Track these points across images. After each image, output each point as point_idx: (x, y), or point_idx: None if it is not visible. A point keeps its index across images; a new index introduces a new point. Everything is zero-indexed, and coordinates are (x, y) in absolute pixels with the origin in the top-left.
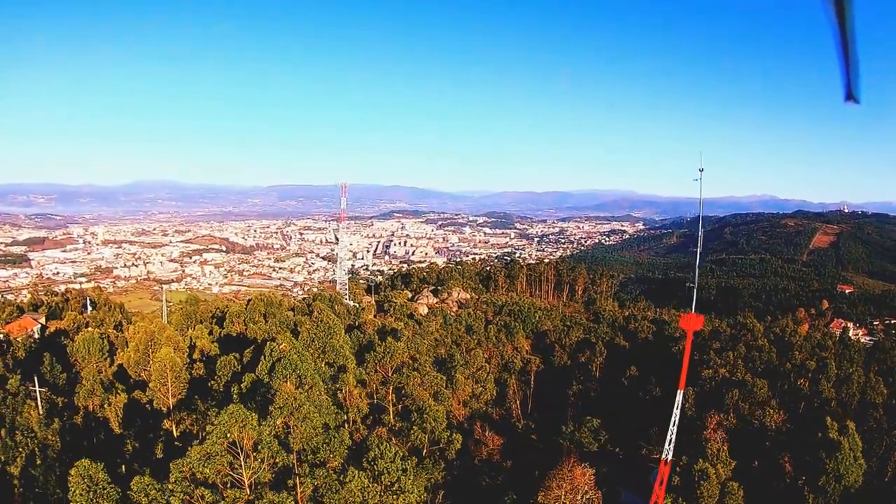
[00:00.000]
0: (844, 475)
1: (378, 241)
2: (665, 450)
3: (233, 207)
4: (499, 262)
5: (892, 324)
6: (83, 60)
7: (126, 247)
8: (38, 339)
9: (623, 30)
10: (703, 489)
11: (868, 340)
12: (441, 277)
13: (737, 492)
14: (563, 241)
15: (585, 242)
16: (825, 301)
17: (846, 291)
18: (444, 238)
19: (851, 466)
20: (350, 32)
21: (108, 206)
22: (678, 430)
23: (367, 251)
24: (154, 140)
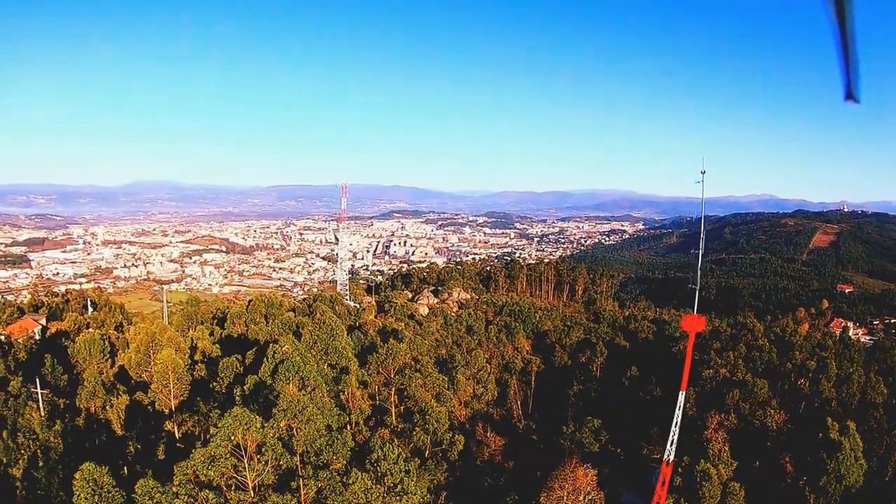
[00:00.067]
0: (845, 475)
1: (378, 242)
2: (667, 450)
3: (233, 208)
4: (499, 263)
5: (893, 323)
6: (83, 60)
7: (126, 247)
8: (39, 341)
9: (623, 30)
10: (705, 490)
11: (868, 340)
12: (441, 278)
13: (738, 492)
14: (563, 241)
15: (585, 242)
16: (825, 301)
17: (846, 291)
18: (444, 238)
19: (852, 466)
20: (350, 32)
21: (108, 207)
22: (679, 431)
23: (367, 251)
24: (154, 140)
